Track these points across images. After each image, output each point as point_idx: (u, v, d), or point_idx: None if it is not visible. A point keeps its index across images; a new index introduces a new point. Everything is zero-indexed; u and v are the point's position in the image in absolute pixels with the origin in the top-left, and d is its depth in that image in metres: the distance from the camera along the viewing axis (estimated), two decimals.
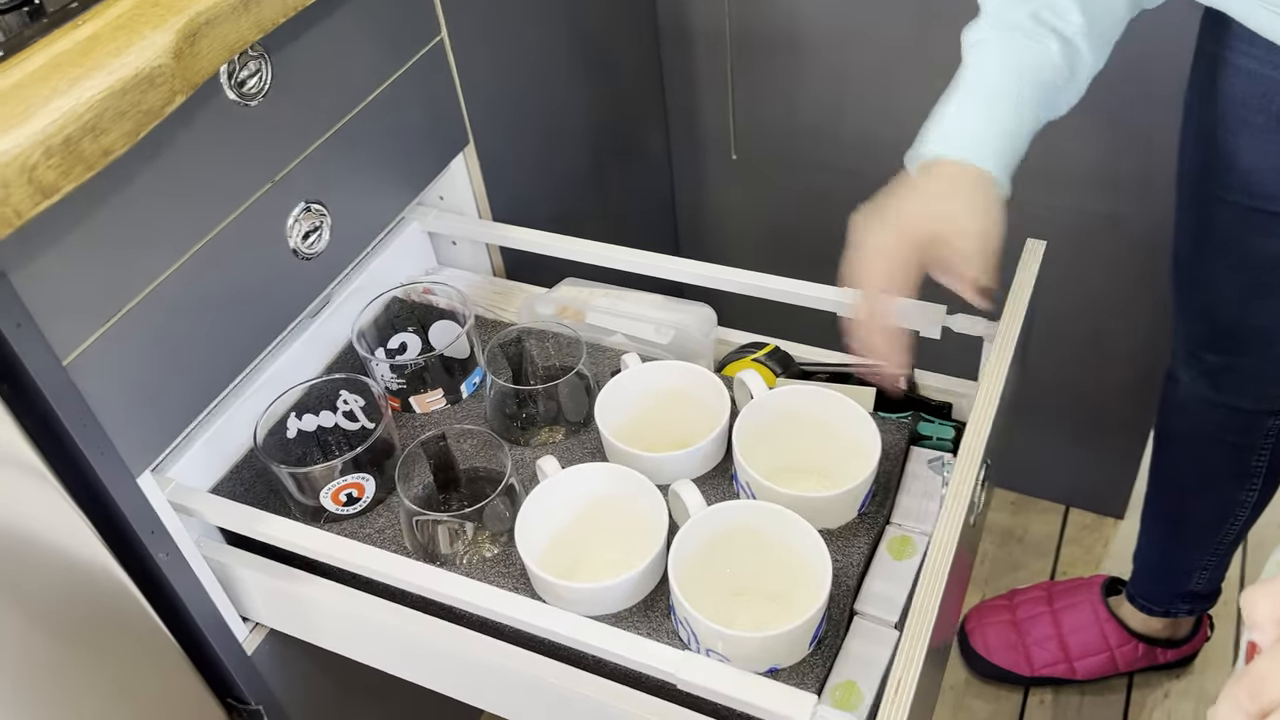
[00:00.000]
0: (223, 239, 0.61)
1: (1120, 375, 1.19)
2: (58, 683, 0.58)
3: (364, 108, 0.70)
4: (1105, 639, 1.15)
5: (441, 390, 0.75)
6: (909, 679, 0.50)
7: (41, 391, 0.51)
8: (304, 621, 0.69)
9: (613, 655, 0.57)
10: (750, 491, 0.66)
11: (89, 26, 0.51)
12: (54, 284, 0.51)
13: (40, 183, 0.45)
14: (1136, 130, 0.99)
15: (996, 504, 1.38)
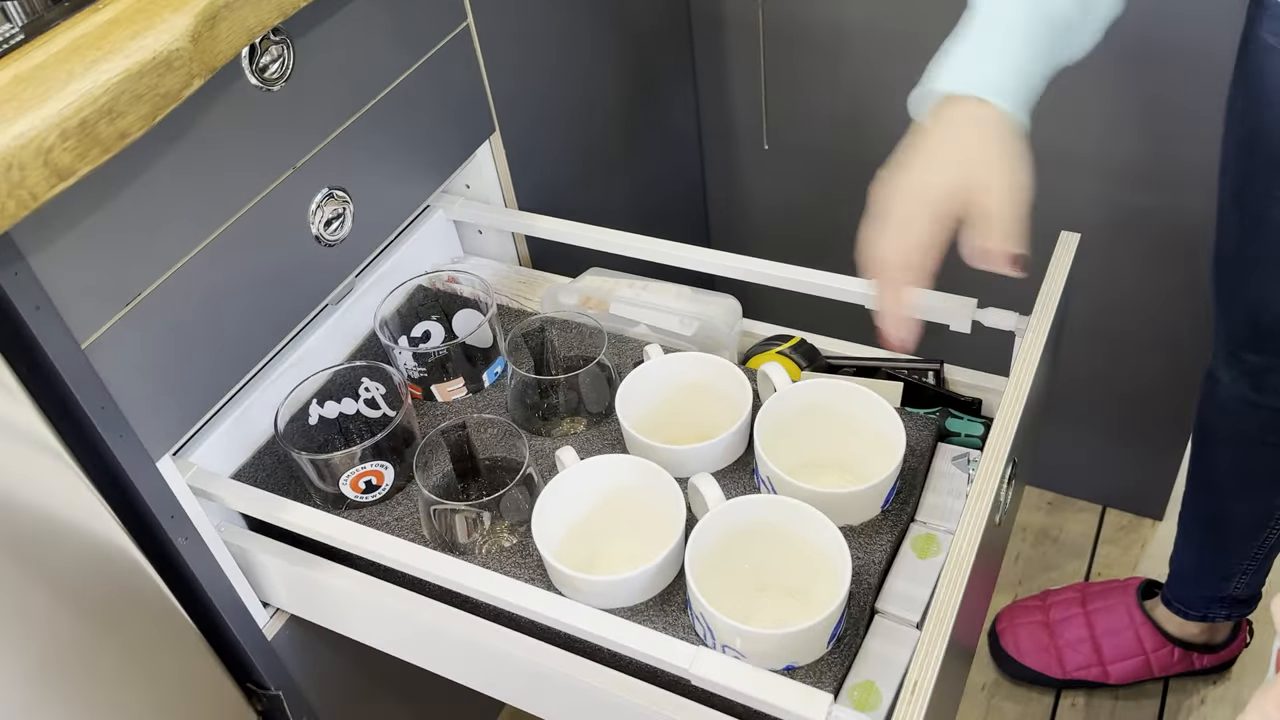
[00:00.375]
0: (244, 224, 0.62)
1: (1160, 373, 1.17)
2: (77, 666, 0.59)
3: (388, 94, 0.70)
4: (1140, 642, 1.14)
5: (463, 379, 0.75)
6: (926, 680, 0.50)
7: (60, 374, 0.52)
8: (323, 608, 0.70)
9: (626, 649, 0.57)
10: (771, 486, 0.65)
11: (110, 10, 0.51)
12: (73, 267, 0.52)
13: (56, 165, 0.46)
14: (1182, 122, 0.97)
15: (1031, 503, 1.36)
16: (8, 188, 0.44)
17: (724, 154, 1.26)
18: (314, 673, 0.78)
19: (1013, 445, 0.58)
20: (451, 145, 0.79)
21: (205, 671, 0.70)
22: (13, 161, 0.43)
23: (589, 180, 1.00)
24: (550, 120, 0.91)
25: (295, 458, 0.66)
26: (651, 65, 1.09)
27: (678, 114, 1.19)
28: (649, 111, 1.11)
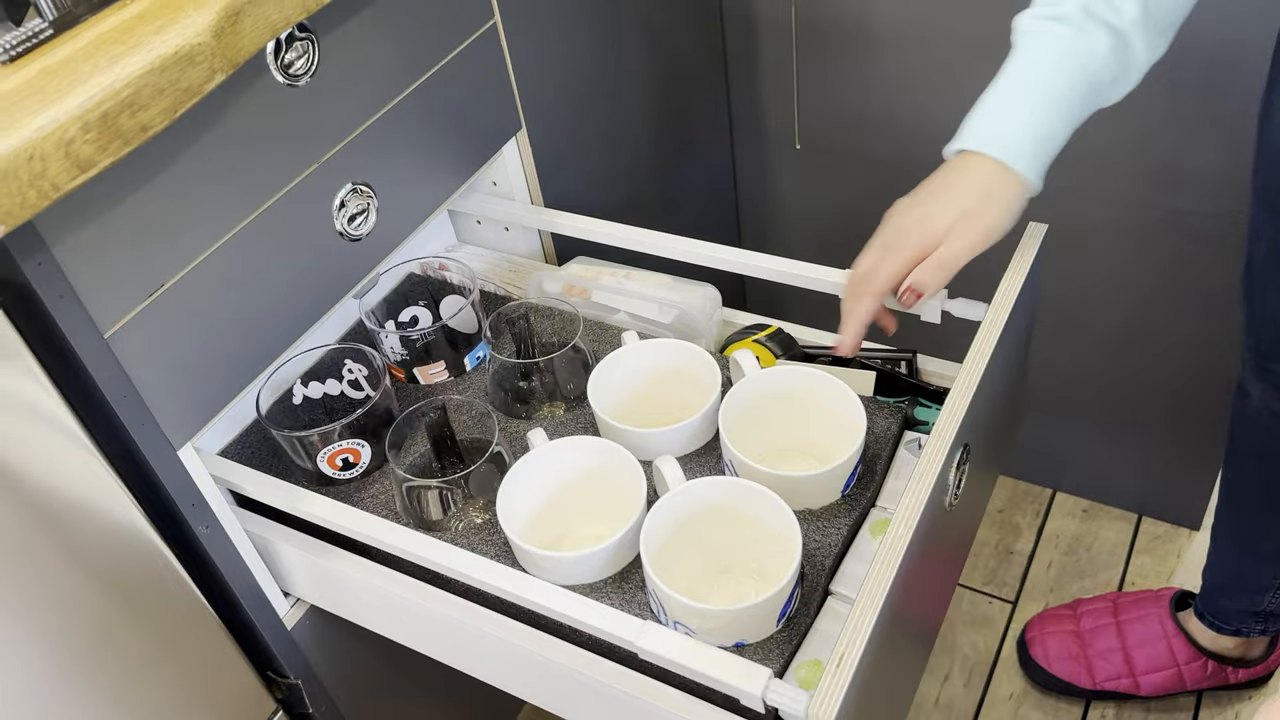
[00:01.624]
0: (268, 218, 0.66)
1: (1199, 381, 1.17)
2: (100, 653, 0.65)
3: (414, 90, 0.75)
4: (1173, 654, 1.14)
5: (444, 363, 0.81)
6: (854, 652, 0.53)
7: (83, 363, 0.57)
8: (341, 598, 0.75)
9: (577, 623, 0.62)
10: (734, 469, 0.70)
11: (137, 5, 0.57)
12: (97, 258, 0.56)
13: (77, 157, 0.50)
14: (1228, 126, 0.98)
15: (1066, 510, 1.37)
16: (29, 178, 0.49)
17: (755, 153, 1.30)
18: (333, 662, 0.83)
19: (961, 428, 0.61)
20: (477, 142, 0.83)
21: (226, 660, 0.75)
22: (34, 153, 0.49)
23: (617, 178, 1.05)
24: (578, 118, 0.96)
25: (275, 435, 0.72)
26: (682, 63, 1.13)
27: (708, 112, 1.23)
28: (679, 109, 1.15)
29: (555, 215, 0.89)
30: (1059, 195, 1.11)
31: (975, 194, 0.64)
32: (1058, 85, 0.63)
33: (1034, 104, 0.63)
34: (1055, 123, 0.64)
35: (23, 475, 0.57)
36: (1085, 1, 0.63)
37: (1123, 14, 0.63)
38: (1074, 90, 0.63)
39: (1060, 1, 0.64)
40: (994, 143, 0.63)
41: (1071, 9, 0.63)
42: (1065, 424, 1.31)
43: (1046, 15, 0.64)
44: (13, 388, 0.56)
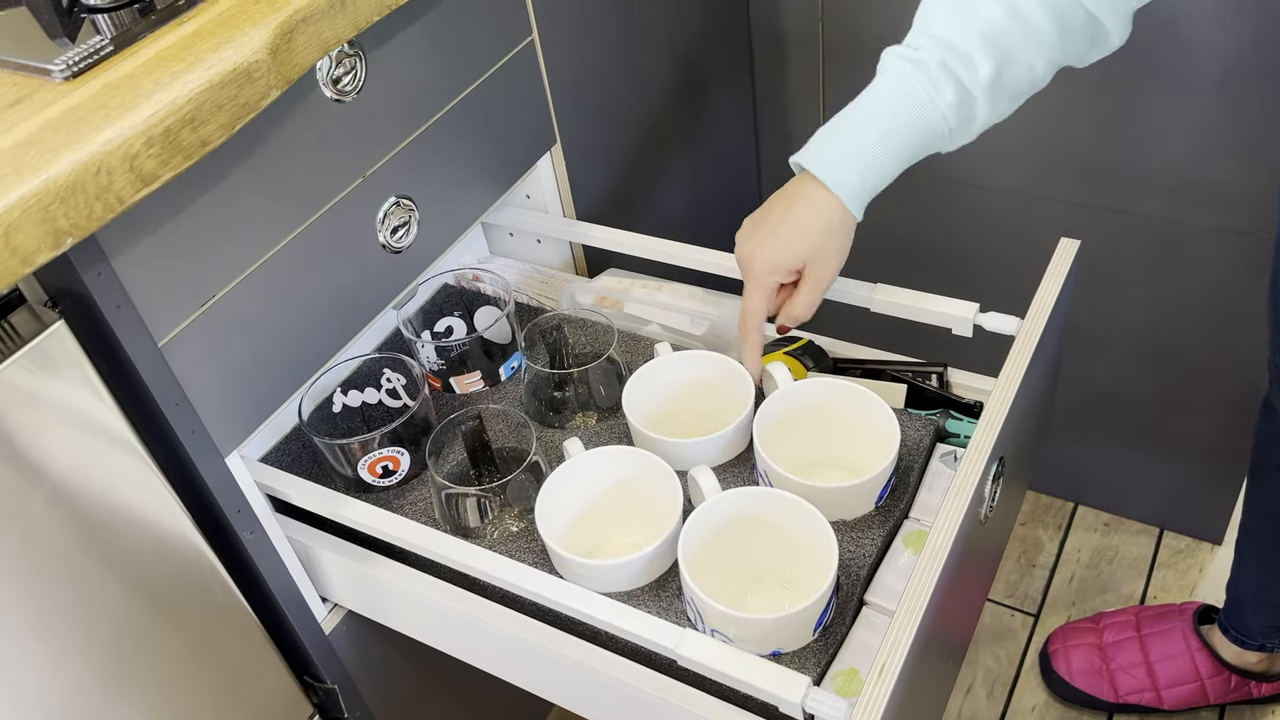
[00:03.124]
0: (315, 230, 0.68)
1: (1220, 395, 1.18)
2: (145, 653, 0.66)
3: (455, 106, 0.76)
4: (1196, 668, 1.15)
5: (480, 372, 0.82)
6: (894, 663, 0.55)
7: (138, 371, 0.58)
8: (377, 602, 0.77)
9: (617, 630, 0.63)
10: (768, 480, 0.71)
11: (194, 23, 0.59)
12: (153, 269, 0.58)
13: (141, 171, 0.52)
14: (1254, 143, 0.99)
15: (1087, 523, 1.38)
16: (96, 191, 0.50)
17: (780, 166, 1.31)
18: (369, 667, 0.84)
19: (998, 442, 0.62)
20: (514, 156, 0.85)
21: (265, 663, 0.76)
22: (101, 166, 0.50)
23: (645, 191, 1.06)
24: (609, 131, 0.98)
25: (317, 443, 0.74)
26: (710, 78, 1.15)
27: (735, 126, 1.25)
28: (706, 123, 1.17)
29: (588, 228, 0.90)
30: (1084, 210, 1.13)
31: (819, 231, 0.69)
32: (901, 132, 0.67)
33: (874, 149, 0.68)
34: (889, 165, 0.68)
35: (76, 480, 0.59)
36: (943, 56, 0.66)
37: (976, 75, 0.66)
38: (912, 139, 0.67)
39: (923, 47, 0.67)
40: (836, 182, 0.68)
41: (929, 58, 0.66)
42: (1087, 437, 1.31)
43: (907, 57, 0.67)
44: (70, 395, 0.57)
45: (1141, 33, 0.98)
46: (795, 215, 0.70)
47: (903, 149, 0.67)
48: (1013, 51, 0.66)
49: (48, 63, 0.57)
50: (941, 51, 0.66)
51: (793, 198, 0.70)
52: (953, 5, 0.66)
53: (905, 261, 1.25)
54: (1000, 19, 0.65)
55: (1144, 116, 1.04)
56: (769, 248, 0.71)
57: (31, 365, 0.55)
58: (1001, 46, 0.65)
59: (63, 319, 0.56)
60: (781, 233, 0.70)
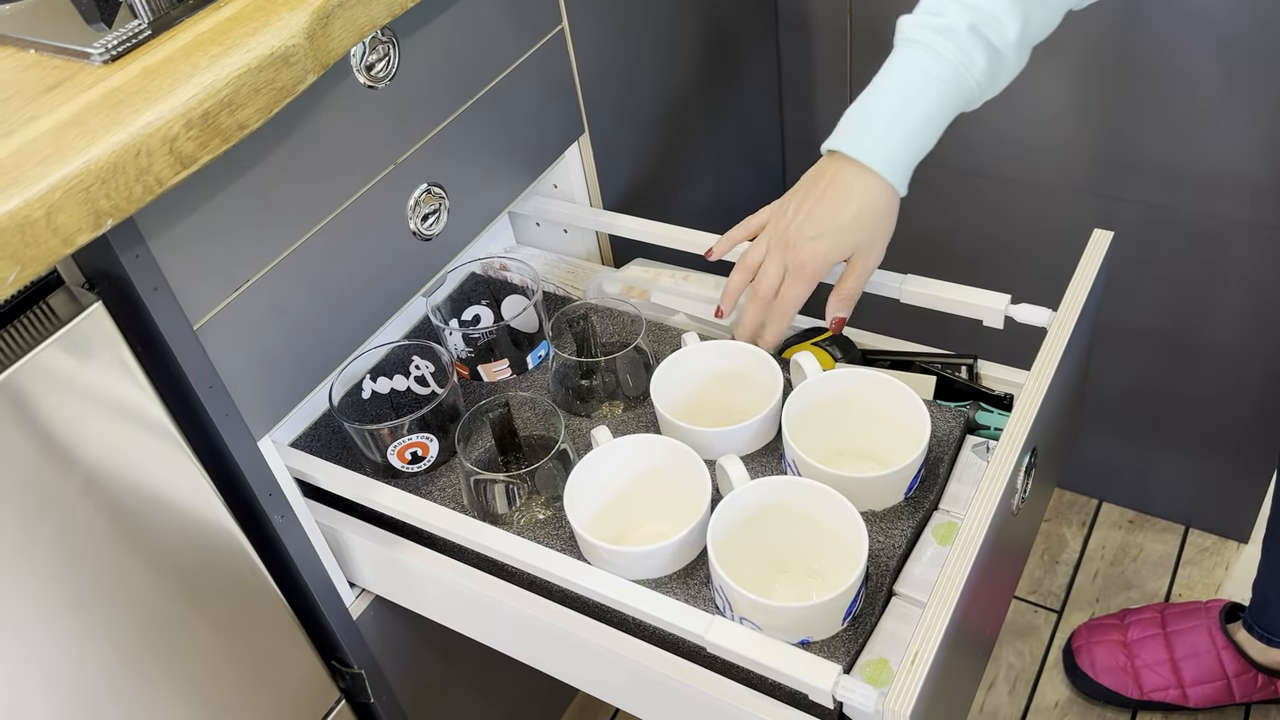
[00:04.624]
0: (348, 216, 0.68)
1: (1247, 393, 1.17)
2: (173, 636, 0.67)
3: (485, 94, 0.77)
4: (1221, 666, 1.14)
5: (508, 361, 0.83)
6: (927, 651, 0.54)
7: (173, 353, 0.59)
8: (405, 588, 0.77)
9: (646, 616, 0.63)
10: (796, 470, 0.71)
11: (230, 7, 0.59)
12: (189, 252, 0.58)
13: (180, 153, 0.52)
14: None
15: (1112, 520, 1.37)
16: (136, 173, 0.51)
17: (806, 159, 1.31)
18: (394, 652, 0.85)
19: (1030, 433, 0.62)
20: (543, 145, 0.86)
21: (294, 647, 0.77)
22: (141, 148, 0.51)
23: (672, 181, 1.06)
24: (636, 121, 0.98)
25: (347, 429, 0.74)
26: (737, 69, 1.15)
27: (761, 117, 1.24)
28: (733, 114, 1.17)
29: (615, 218, 0.90)
30: (1111, 204, 1.12)
31: (868, 219, 0.68)
32: (943, 107, 0.67)
33: (914, 124, 0.67)
34: (930, 140, 0.68)
35: (111, 462, 0.59)
36: (973, 20, 0.64)
37: (1005, 35, 0.65)
38: (952, 109, 0.67)
39: (946, 12, 0.65)
40: (882, 162, 0.67)
41: (958, 23, 0.65)
42: (1112, 434, 1.30)
43: (932, 26, 0.66)
44: (106, 377, 0.58)
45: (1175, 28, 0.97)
46: (846, 205, 0.68)
47: (941, 119, 0.67)
48: (1035, 2, 0.65)
49: (86, 46, 0.57)
50: (970, 15, 0.65)
51: (840, 185, 0.69)
52: None
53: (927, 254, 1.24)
54: None
55: (1173, 109, 1.03)
56: (824, 243, 0.69)
57: (70, 346, 0.55)
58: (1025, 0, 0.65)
59: (101, 301, 0.56)
60: (836, 225, 0.69)
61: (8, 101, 0.55)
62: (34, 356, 0.54)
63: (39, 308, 0.56)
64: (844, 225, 0.69)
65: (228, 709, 0.72)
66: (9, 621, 0.57)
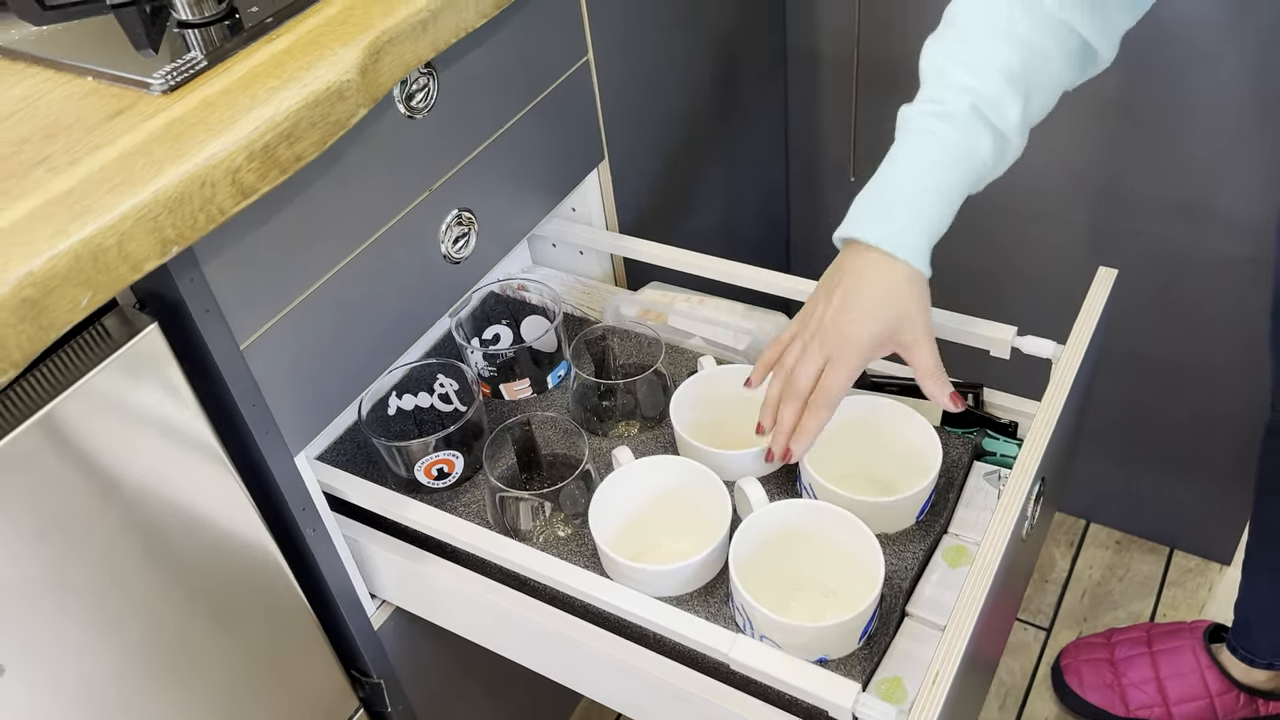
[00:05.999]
0: (384, 240, 0.71)
1: (1232, 419, 1.21)
2: (203, 643, 0.68)
3: (515, 123, 0.79)
4: (1205, 686, 1.18)
5: (529, 380, 0.85)
6: (948, 671, 0.57)
7: (221, 373, 0.61)
8: (427, 600, 0.79)
9: (671, 633, 0.66)
10: (812, 493, 0.74)
11: (282, 41, 0.62)
12: (238, 276, 0.61)
13: (241, 184, 0.55)
14: (1271, 172, 1.02)
15: (1100, 541, 1.41)
16: (200, 203, 0.53)
17: (809, 185, 1.35)
18: (412, 663, 0.87)
19: (1041, 463, 0.65)
20: (566, 171, 0.89)
21: (317, 658, 0.79)
22: (206, 179, 0.53)
23: (682, 205, 1.09)
24: (651, 148, 1.01)
25: (376, 444, 0.77)
26: (746, 99, 1.18)
27: (768, 145, 1.28)
28: (741, 142, 1.20)
29: (632, 241, 0.93)
30: (1101, 235, 1.16)
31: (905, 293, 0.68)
32: (953, 189, 0.68)
33: (926, 202, 0.68)
34: (946, 222, 0.69)
35: (158, 477, 0.62)
36: (974, 102, 0.67)
37: (1006, 118, 0.67)
38: (961, 190, 0.68)
39: (947, 100, 0.67)
40: (905, 246, 0.67)
41: (960, 109, 0.67)
42: (1101, 458, 1.35)
43: (936, 113, 0.67)
44: (157, 396, 0.60)
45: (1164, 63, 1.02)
46: (878, 285, 0.68)
47: (955, 204, 0.68)
48: (1033, 86, 0.67)
49: (147, 76, 0.60)
50: (970, 98, 0.67)
51: (867, 272, 0.68)
52: (967, 53, 0.67)
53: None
54: (1017, 57, 0.66)
55: (1164, 145, 1.07)
56: (864, 324, 0.68)
57: (126, 365, 0.57)
58: (1024, 83, 0.67)
59: (156, 322, 0.58)
60: (874, 305, 0.68)
61: (71, 129, 0.57)
62: (95, 375, 0.56)
63: (93, 329, 0.58)
64: (881, 304, 0.68)
65: (252, 714, 0.74)
66: (54, 628, 0.59)
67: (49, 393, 0.54)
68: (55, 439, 0.55)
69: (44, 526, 0.56)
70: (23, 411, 0.54)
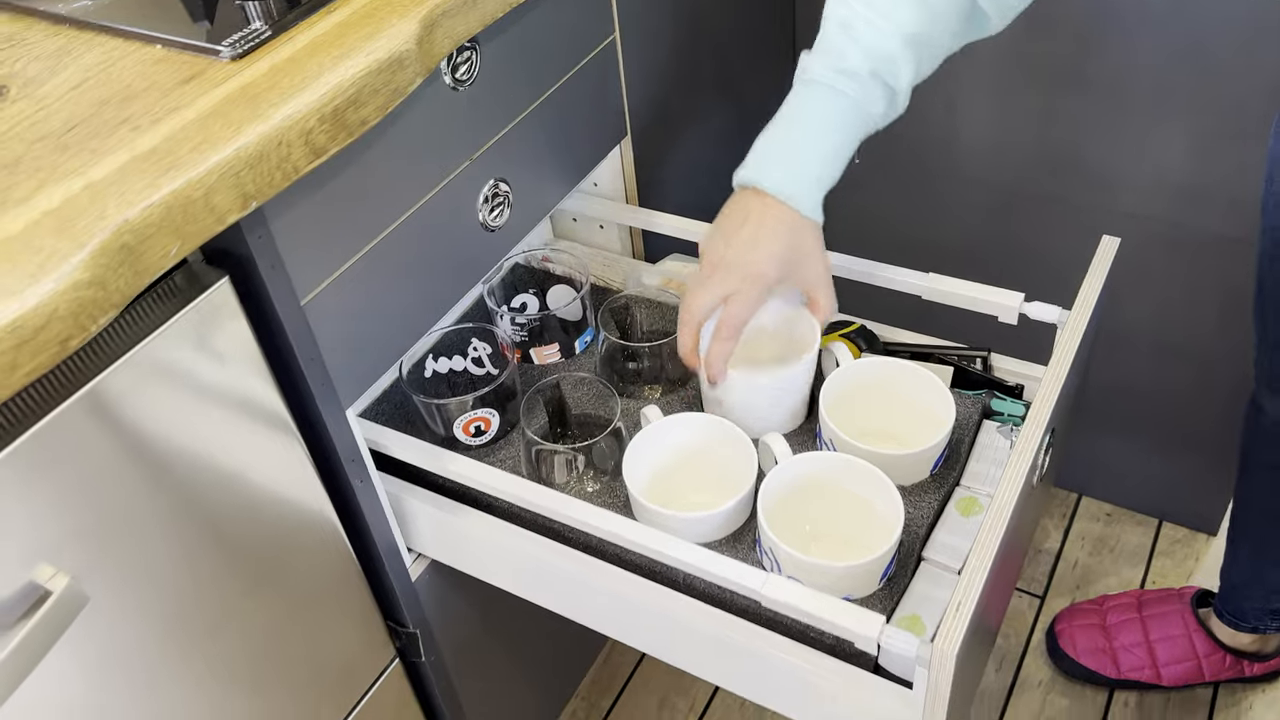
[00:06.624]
0: (429, 206, 0.74)
1: (1219, 394, 1.27)
2: (252, 585, 0.72)
3: (547, 97, 0.83)
4: (1193, 648, 1.23)
5: (557, 345, 0.89)
6: (969, 601, 0.62)
7: (283, 326, 0.65)
8: (463, 552, 0.83)
9: (706, 574, 0.70)
10: (832, 447, 0.78)
11: (339, 14, 0.65)
12: (301, 234, 0.64)
13: (314, 144, 0.59)
14: (1253, 150, 1.07)
15: (1090, 514, 1.47)
16: (277, 161, 0.57)
17: None
18: (445, 614, 0.91)
19: (1051, 415, 0.70)
20: (593, 145, 0.93)
21: (360, 608, 0.83)
22: (282, 139, 0.57)
23: (697, 181, 1.14)
24: (668, 125, 1.05)
25: (417, 402, 0.81)
26: (755, 76, 1.22)
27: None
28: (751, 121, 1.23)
29: (653, 215, 0.97)
30: (1089, 212, 1.21)
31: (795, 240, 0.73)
32: (846, 141, 0.74)
33: (827, 158, 0.73)
34: (837, 172, 0.75)
35: (224, 427, 0.65)
36: (875, 67, 0.72)
37: (901, 80, 0.73)
38: (854, 143, 0.74)
39: (849, 58, 0.73)
40: (801, 197, 0.73)
41: (861, 70, 0.72)
42: (1091, 432, 1.40)
43: (840, 70, 0.73)
44: (228, 346, 0.64)
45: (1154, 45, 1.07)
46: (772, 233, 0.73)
47: (847, 154, 0.75)
48: (925, 50, 0.73)
49: (215, 44, 0.63)
50: (871, 62, 0.72)
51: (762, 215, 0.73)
52: (872, 11, 0.72)
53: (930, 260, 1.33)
54: (918, 19, 0.71)
55: (1151, 125, 1.12)
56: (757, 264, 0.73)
57: (200, 317, 0.61)
58: (921, 45, 0.72)
59: (228, 275, 0.62)
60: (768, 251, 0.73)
61: (147, 92, 0.61)
62: (174, 323, 0.59)
63: (165, 283, 0.62)
64: (786, 247, 0.73)
65: (295, 663, 0.78)
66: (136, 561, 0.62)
67: (129, 341, 0.58)
68: (135, 384, 0.58)
69: (123, 466, 0.60)
70: (108, 356, 0.57)
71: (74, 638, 0.59)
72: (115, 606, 0.62)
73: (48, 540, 0.57)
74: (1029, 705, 1.27)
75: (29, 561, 0.56)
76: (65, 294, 0.48)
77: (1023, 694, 1.29)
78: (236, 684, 0.73)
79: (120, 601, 0.62)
